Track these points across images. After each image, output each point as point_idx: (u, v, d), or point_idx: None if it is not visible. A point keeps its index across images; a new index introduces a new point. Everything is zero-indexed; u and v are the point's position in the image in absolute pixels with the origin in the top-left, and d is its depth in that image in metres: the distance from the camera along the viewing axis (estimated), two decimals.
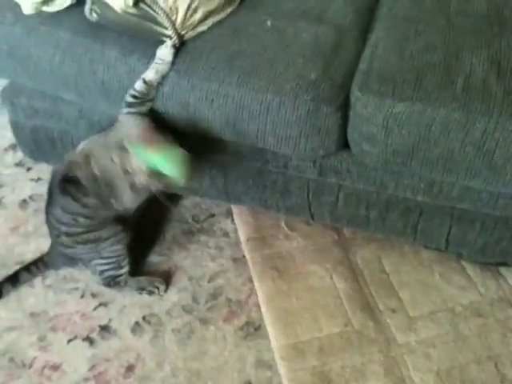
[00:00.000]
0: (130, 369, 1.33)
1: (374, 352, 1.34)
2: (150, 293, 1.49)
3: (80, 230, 1.37)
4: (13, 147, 1.90)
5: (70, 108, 1.50)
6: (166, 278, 1.52)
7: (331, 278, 1.50)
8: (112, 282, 1.47)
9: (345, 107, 1.21)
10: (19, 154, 1.85)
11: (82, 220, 1.35)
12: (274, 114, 1.22)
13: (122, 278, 1.47)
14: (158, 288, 1.49)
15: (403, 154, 1.19)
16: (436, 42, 1.24)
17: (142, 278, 1.51)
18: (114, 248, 1.42)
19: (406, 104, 1.14)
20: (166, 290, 1.50)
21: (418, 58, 1.21)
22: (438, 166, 1.19)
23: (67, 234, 1.39)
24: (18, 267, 1.52)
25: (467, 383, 1.29)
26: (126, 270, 1.47)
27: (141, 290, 1.49)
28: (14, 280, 1.49)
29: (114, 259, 1.44)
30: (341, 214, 1.46)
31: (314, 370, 1.31)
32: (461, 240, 1.41)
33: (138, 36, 1.30)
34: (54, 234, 1.43)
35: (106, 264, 1.44)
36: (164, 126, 1.32)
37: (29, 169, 1.82)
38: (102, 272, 1.46)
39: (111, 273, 1.45)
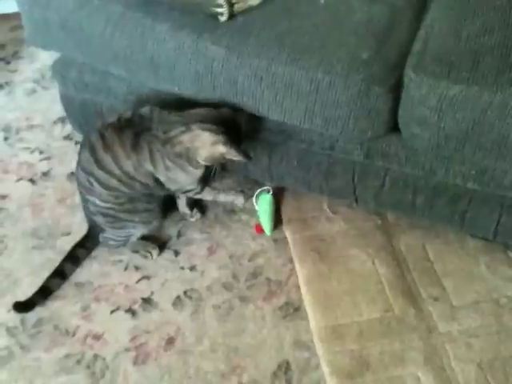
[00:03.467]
0: (170, 341, 1.35)
1: (415, 339, 1.33)
2: (144, 256, 1.53)
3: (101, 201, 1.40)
4: (62, 120, 1.93)
5: (119, 83, 1.52)
6: (207, 255, 1.53)
7: (373, 262, 1.49)
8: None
9: (397, 88, 1.18)
10: (68, 128, 1.89)
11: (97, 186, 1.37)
12: (324, 93, 1.20)
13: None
14: (150, 253, 1.53)
15: (456, 139, 1.16)
16: (494, 24, 1.20)
17: (138, 242, 1.54)
18: (130, 231, 1.48)
19: (461, 87, 1.10)
20: (158, 255, 1.53)
21: (475, 39, 1.17)
22: (492, 153, 1.15)
23: (94, 204, 1.42)
24: (64, 238, 1.56)
25: (510, 376, 1.26)
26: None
27: (135, 252, 1.54)
28: (74, 259, 1.51)
29: (123, 239, 1.50)
30: (386, 198, 1.44)
31: (352, 353, 1.30)
32: (510, 230, 1.37)
33: (189, 10, 1.31)
34: (84, 201, 1.46)
35: (114, 240, 1.50)
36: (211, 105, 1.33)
37: (77, 142, 1.84)
38: (106, 239, 1.50)
39: (112, 243, 1.51)
